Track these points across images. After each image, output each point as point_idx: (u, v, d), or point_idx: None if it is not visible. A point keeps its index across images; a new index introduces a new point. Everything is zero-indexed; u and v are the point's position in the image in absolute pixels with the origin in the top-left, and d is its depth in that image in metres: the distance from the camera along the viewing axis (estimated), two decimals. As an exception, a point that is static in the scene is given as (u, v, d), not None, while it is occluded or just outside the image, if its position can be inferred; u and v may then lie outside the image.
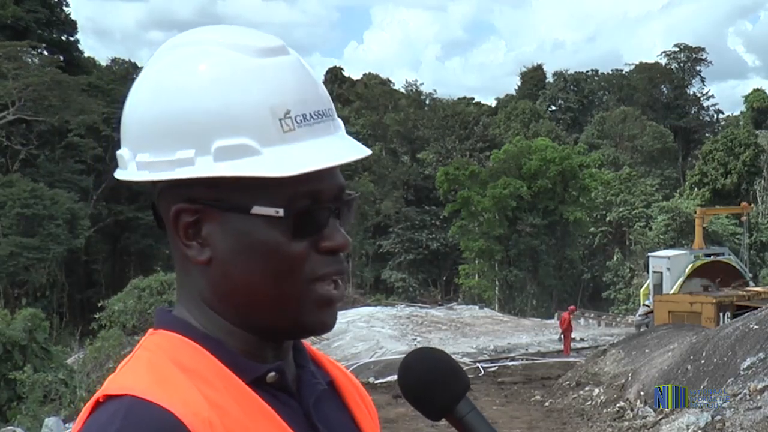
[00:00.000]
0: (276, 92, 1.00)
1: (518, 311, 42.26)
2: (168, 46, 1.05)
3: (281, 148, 0.98)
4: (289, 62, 1.03)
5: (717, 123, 76.20)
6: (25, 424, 15.73)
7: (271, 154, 0.98)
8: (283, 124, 0.99)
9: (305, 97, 1.02)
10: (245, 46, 1.01)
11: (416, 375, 1.12)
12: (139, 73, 1.07)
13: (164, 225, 1.05)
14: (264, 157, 0.97)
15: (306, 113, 1.01)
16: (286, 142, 0.99)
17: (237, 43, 1.01)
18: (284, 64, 1.02)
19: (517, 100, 70.61)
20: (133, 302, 19.84)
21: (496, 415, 13.64)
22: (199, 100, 0.98)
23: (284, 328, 1.04)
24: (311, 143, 1.00)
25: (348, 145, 1.04)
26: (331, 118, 1.04)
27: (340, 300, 1.05)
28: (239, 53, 1.01)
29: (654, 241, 46.65)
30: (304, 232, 1.01)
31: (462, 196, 45.47)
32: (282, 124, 0.99)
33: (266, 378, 1.03)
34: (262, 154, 0.98)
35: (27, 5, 48.57)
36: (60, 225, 40.03)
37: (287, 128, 0.99)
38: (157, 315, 1.08)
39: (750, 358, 11.09)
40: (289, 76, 1.02)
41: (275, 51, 1.02)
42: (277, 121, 0.99)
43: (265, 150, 0.98)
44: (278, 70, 1.01)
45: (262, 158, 0.97)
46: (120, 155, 1.05)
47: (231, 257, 1.01)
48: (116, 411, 0.93)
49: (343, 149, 1.03)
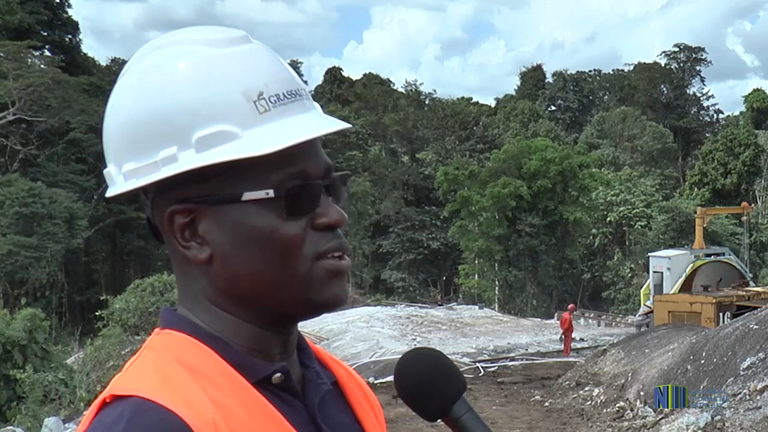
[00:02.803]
0: (247, 76, 1.01)
1: (518, 311, 42.25)
2: (141, 51, 1.06)
3: (260, 129, 0.99)
4: (256, 48, 1.05)
5: (717, 123, 76.23)
6: (24, 424, 15.72)
7: (251, 136, 0.98)
8: (258, 105, 1.00)
9: (276, 78, 1.03)
10: (213, 39, 1.03)
11: (412, 376, 1.13)
12: (117, 78, 1.08)
13: (162, 237, 1.06)
14: (244, 140, 0.98)
15: (279, 93, 1.02)
16: (263, 123, 1.00)
17: (205, 38, 1.03)
18: (251, 50, 1.04)
19: (516, 100, 70.65)
20: (135, 301, 19.84)
21: (496, 415, 13.64)
22: (176, 96, 0.99)
23: (296, 309, 1.05)
24: (288, 120, 1.01)
25: (325, 119, 1.05)
26: (305, 97, 1.06)
27: (347, 270, 1.05)
28: (208, 47, 1.02)
29: (654, 241, 46.66)
30: (298, 210, 1.01)
31: (461, 196, 45.45)
32: (257, 106, 1.00)
33: (272, 379, 1.03)
34: (242, 137, 0.98)
35: (29, 6, 48.63)
36: (58, 224, 40.06)
37: (263, 109, 1.00)
38: (163, 315, 1.08)
39: (750, 358, 11.09)
40: (258, 61, 1.03)
41: (240, 40, 1.04)
42: (251, 104, 1.00)
43: (245, 133, 0.99)
44: (246, 56, 1.03)
45: (242, 141, 0.98)
46: (107, 173, 1.06)
47: (231, 250, 1.01)
48: (122, 412, 0.94)
49: (320, 123, 1.04)
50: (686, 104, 74.50)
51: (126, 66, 1.07)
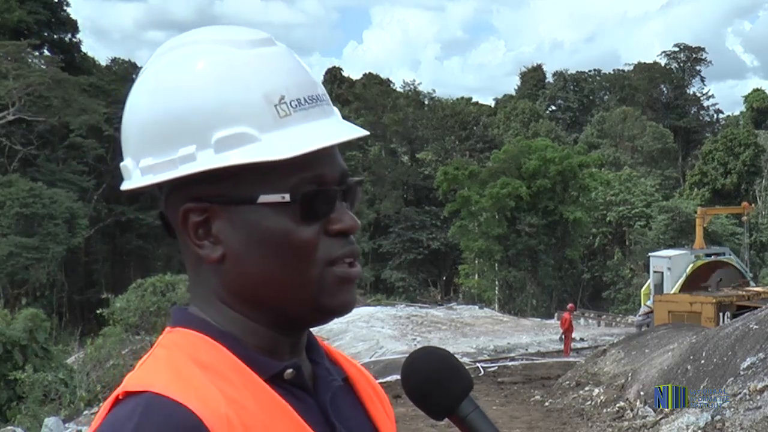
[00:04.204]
0: (269, 79, 1.01)
1: (518, 311, 42.21)
2: (164, 48, 1.06)
3: (279, 132, 1.00)
4: (279, 51, 1.05)
5: (717, 123, 76.21)
6: (25, 424, 15.72)
7: (270, 140, 0.99)
8: (279, 109, 1.00)
9: (298, 83, 1.03)
10: (236, 40, 1.03)
11: (420, 374, 1.13)
12: (138, 73, 1.08)
13: (174, 232, 1.06)
14: (263, 143, 0.99)
15: (300, 98, 1.02)
16: (283, 127, 1.00)
17: (229, 38, 1.03)
18: (274, 53, 1.04)
19: (516, 100, 70.61)
20: (136, 300, 19.87)
21: (496, 415, 13.63)
22: (197, 96, 1.00)
23: (306, 314, 1.05)
24: (308, 126, 1.01)
25: (344, 126, 1.06)
26: (325, 102, 1.06)
27: (357, 278, 1.06)
28: (231, 48, 1.02)
29: (654, 241, 46.61)
30: (312, 215, 1.02)
31: (461, 196, 45.43)
32: (277, 110, 1.00)
33: (284, 375, 1.04)
34: (261, 140, 0.99)
35: (28, 6, 48.55)
36: (59, 224, 40.05)
37: (283, 113, 1.00)
38: (174, 313, 1.09)
39: (750, 358, 11.10)
40: (281, 64, 1.03)
41: (264, 42, 1.04)
42: (272, 107, 1.00)
43: (264, 136, 0.99)
44: (269, 58, 1.03)
45: (261, 144, 0.99)
46: (124, 166, 1.06)
47: (244, 251, 1.02)
48: (135, 407, 0.94)
49: (340, 130, 1.04)
50: (686, 104, 74.48)
51: (146, 63, 1.07)
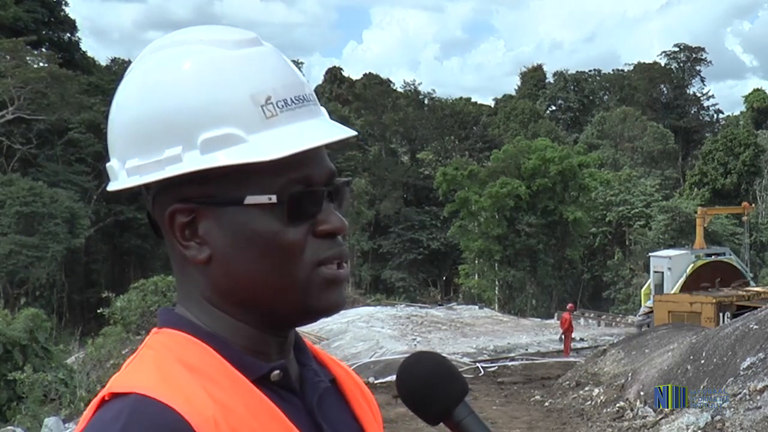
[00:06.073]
0: (255, 80, 1.00)
1: (518, 311, 42.23)
2: (150, 48, 1.05)
3: (266, 133, 0.99)
4: (266, 51, 1.04)
5: (717, 123, 76.22)
6: (24, 424, 15.70)
7: (257, 140, 0.98)
8: (265, 110, 0.99)
9: (285, 83, 1.02)
10: (223, 40, 1.02)
11: (414, 380, 1.13)
12: (125, 73, 1.07)
13: (161, 232, 1.05)
14: (249, 144, 0.98)
15: (287, 98, 1.01)
16: (270, 128, 0.99)
17: (216, 38, 1.02)
18: (261, 53, 1.03)
19: (516, 100, 70.62)
20: (137, 299, 19.87)
21: (496, 415, 13.64)
22: (183, 96, 0.99)
23: (294, 315, 1.05)
24: (295, 126, 1.01)
25: (332, 126, 1.05)
26: (312, 102, 1.05)
27: (345, 279, 1.05)
28: (218, 48, 1.01)
29: (654, 241, 46.61)
30: (299, 216, 1.01)
31: (461, 197, 45.45)
32: (264, 111, 0.99)
33: (270, 376, 1.03)
34: (248, 141, 0.98)
35: (26, 5, 48.50)
36: (59, 224, 40.07)
37: (270, 114, 0.99)
38: (161, 314, 1.08)
39: (750, 358, 11.09)
40: (268, 64, 1.02)
41: (251, 42, 1.03)
42: (259, 108, 0.99)
43: (250, 137, 0.98)
44: (256, 59, 1.02)
45: (248, 145, 0.98)
46: (110, 167, 1.05)
47: (230, 252, 1.01)
48: (121, 408, 0.93)
49: (327, 130, 1.03)
50: (686, 104, 74.52)
51: (133, 62, 1.06)
